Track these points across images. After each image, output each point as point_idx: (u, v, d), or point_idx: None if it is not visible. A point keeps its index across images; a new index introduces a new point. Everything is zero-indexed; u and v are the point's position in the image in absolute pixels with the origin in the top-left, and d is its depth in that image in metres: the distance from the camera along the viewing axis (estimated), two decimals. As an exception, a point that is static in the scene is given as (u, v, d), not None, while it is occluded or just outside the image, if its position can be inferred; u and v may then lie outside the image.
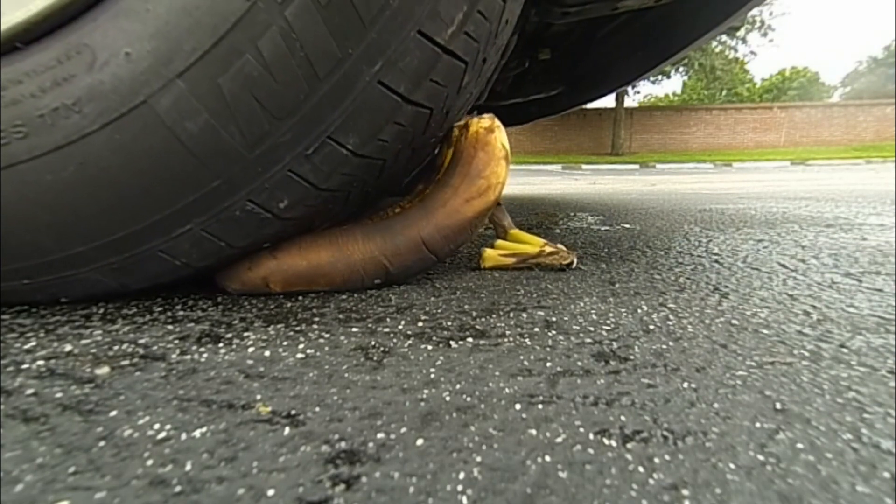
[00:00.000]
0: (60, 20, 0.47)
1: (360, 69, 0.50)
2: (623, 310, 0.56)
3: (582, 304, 0.58)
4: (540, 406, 0.35)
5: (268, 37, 0.47)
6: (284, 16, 0.47)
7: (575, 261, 0.78)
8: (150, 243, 0.53)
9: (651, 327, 0.50)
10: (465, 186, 0.64)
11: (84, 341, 0.47)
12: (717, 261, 0.83)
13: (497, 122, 0.66)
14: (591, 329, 0.50)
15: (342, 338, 0.48)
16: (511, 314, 0.55)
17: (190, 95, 0.48)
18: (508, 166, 0.66)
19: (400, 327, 0.51)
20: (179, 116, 0.48)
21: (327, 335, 0.48)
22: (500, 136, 0.66)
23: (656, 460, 0.28)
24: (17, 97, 0.47)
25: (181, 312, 0.56)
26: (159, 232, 0.52)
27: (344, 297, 0.62)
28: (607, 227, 1.28)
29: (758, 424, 0.32)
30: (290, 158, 0.52)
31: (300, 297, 0.61)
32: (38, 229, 0.50)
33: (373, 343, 0.47)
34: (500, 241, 0.81)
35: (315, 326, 0.51)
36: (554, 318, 0.53)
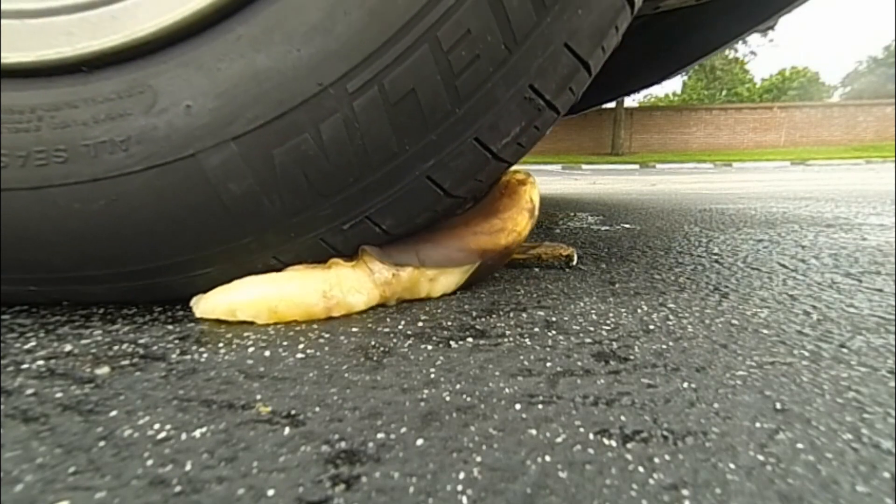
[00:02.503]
0: (132, 55, 0.47)
1: (412, 164, 0.51)
2: (623, 310, 0.56)
3: (582, 304, 0.58)
4: (540, 406, 0.35)
5: (331, 121, 0.48)
6: (352, 105, 0.48)
7: (576, 257, 0.78)
8: (166, 277, 0.53)
9: (651, 327, 0.50)
10: (477, 219, 0.62)
11: (84, 341, 0.47)
12: (717, 261, 0.83)
13: (532, 179, 0.66)
14: (591, 329, 0.50)
15: (342, 338, 0.48)
16: (511, 314, 0.55)
17: (240, 159, 0.48)
18: (532, 223, 0.64)
19: (400, 327, 0.51)
20: (225, 177, 0.48)
21: (327, 335, 0.48)
22: (531, 191, 0.64)
23: (656, 460, 0.28)
24: (67, 121, 0.47)
25: (181, 312, 0.56)
26: (177, 270, 0.53)
27: (344, 297, 0.62)
28: (607, 227, 1.28)
29: (758, 424, 0.32)
30: (325, 229, 0.53)
31: (300, 297, 0.61)
32: (54, 250, 0.50)
33: (373, 343, 0.47)
34: None
35: (315, 326, 0.51)
36: (554, 318, 0.53)
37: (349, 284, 0.54)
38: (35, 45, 0.47)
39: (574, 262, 0.79)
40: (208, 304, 0.53)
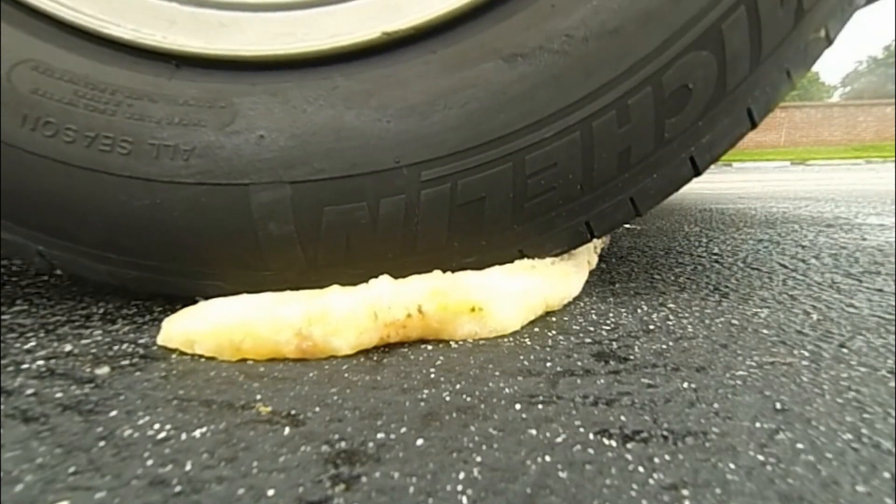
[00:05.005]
0: (224, 66, 0.47)
1: (453, 257, 0.53)
2: (623, 310, 0.56)
3: (582, 304, 0.58)
4: (540, 406, 0.35)
5: (393, 200, 0.49)
6: (420, 192, 0.49)
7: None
8: (176, 278, 0.54)
9: (651, 327, 0.50)
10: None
11: (84, 341, 0.47)
12: (717, 261, 0.83)
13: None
14: (591, 329, 0.50)
15: (342, 338, 0.48)
16: (511, 314, 0.55)
17: (290, 204, 0.48)
18: (574, 287, 0.59)
19: (400, 327, 0.51)
20: (268, 215, 0.48)
21: (327, 335, 0.48)
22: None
23: (656, 460, 0.28)
24: (143, 114, 0.47)
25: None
26: (190, 276, 0.53)
27: (344, 297, 0.61)
28: (607, 227, 1.28)
29: (758, 424, 0.32)
30: (347, 280, 0.53)
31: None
32: (84, 227, 0.51)
33: (373, 343, 0.46)
34: None
35: (315, 326, 0.51)
36: (554, 318, 0.53)
37: (337, 322, 0.43)
38: (135, 21, 0.46)
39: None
40: (168, 331, 0.45)
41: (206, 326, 0.44)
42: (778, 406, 0.34)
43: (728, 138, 0.54)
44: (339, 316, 0.43)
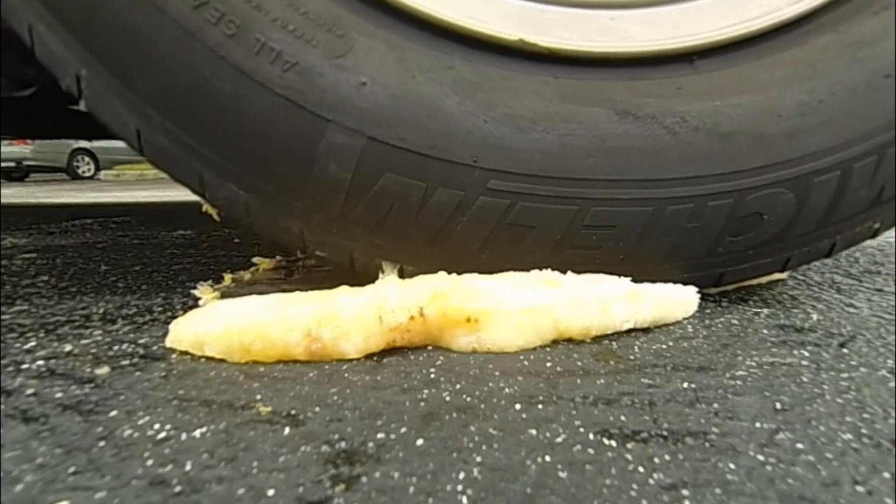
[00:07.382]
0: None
1: (474, 266, 0.53)
2: (623, 310, 0.56)
3: (582, 304, 0.58)
4: (540, 406, 0.35)
5: (450, 193, 0.49)
6: (478, 197, 0.49)
7: None
8: (199, 165, 0.51)
9: (651, 327, 0.50)
10: None
11: (84, 341, 0.47)
12: (717, 261, 0.83)
13: None
14: (591, 329, 0.50)
15: (342, 338, 0.48)
16: (511, 314, 0.55)
17: (358, 156, 0.48)
18: (615, 319, 0.49)
19: (400, 327, 0.51)
20: (335, 156, 0.48)
21: (327, 335, 0.48)
22: None
23: (656, 460, 0.28)
24: (262, 4, 0.46)
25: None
26: (218, 172, 0.51)
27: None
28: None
29: (758, 424, 0.32)
30: (361, 245, 0.54)
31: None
32: (146, 77, 0.49)
33: (373, 343, 0.46)
34: None
35: (315, 326, 0.51)
36: (554, 318, 0.53)
37: (346, 324, 0.42)
38: None
39: None
40: (177, 333, 0.45)
41: (215, 328, 0.43)
42: (778, 406, 0.34)
43: (757, 272, 0.56)
44: (348, 318, 0.42)
